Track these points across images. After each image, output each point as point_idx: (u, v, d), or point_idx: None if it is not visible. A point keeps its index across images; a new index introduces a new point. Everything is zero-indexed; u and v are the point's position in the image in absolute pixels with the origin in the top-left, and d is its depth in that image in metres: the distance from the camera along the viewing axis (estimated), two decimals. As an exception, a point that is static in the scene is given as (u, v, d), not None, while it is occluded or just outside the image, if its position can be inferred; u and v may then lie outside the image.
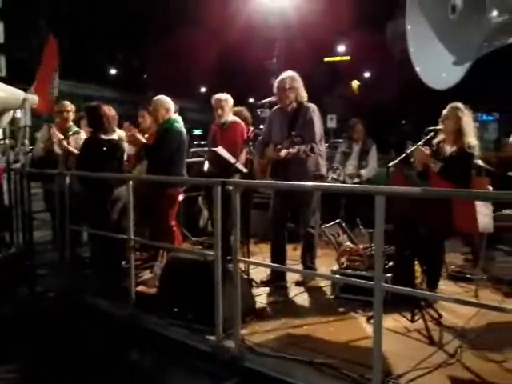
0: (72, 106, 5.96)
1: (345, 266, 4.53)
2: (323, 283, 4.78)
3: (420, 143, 4.25)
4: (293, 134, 4.62)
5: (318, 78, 23.17)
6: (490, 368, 3.09)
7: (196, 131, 34.91)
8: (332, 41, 32.09)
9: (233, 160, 4.91)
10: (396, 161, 4.21)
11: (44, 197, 6.05)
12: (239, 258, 3.53)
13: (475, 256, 4.88)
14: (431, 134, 4.32)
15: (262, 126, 5.23)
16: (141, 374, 3.92)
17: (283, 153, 4.59)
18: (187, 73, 33.50)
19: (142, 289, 4.60)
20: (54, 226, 5.68)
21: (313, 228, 4.84)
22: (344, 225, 5.32)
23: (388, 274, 3.96)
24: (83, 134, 5.75)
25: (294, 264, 5.01)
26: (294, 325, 3.84)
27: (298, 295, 4.55)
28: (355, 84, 27.48)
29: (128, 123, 6.28)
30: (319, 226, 5.08)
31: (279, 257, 4.83)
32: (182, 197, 5.45)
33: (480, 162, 4.69)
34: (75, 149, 5.55)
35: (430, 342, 3.45)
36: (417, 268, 4.26)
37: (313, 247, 4.88)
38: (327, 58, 34.02)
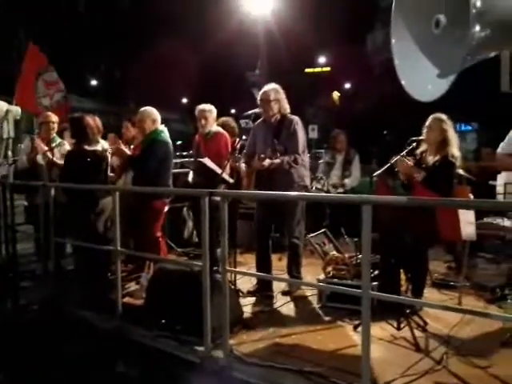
0: (56, 117, 5.93)
1: (331, 275, 4.56)
2: (309, 292, 4.81)
3: (403, 153, 4.33)
4: (275, 141, 4.67)
5: (299, 89, 23.36)
6: (476, 373, 3.14)
7: (178, 142, 34.77)
8: (313, 52, 32.42)
9: (219, 170, 4.93)
10: (380, 171, 4.27)
11: (25, 209, 5.99)
12: (227, 268, 3.55)
13: (458, 264, 4.95)
14: (414, 144, 4.40)
15: (244, 137, 5.27)
16: (128, 387, 3.90)
17: (267, 162, 4.64)
18: (168, 84, 33.48)
19: (128, 300, 4.57)
20: (37, 238, 5.62)
21: (297, 238, 4.88)
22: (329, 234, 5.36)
23: (374, 283, 4.00)
24: (67, 146, 5.73)
25: (279, 274, 5.05)
26: (281, 334, 3.85)
27: (285, 305, 4.56)
28: (336, 95, 27.72)
29: (113, 135, 6.27)
30: (304, 236, 5.12)
31: (265, 267, 4.85)
32: (166, 207, 5.45)
33: (461, 172, 4.78)
34: (59, 160, 5.52)
35: (417, 349, 3.49)
36: (401, 276, 4.31)
37: (298, 257, 4.92)
38: (308, 69, 34.34)
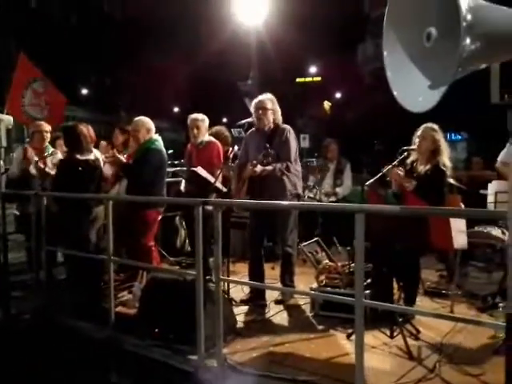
0: (49, 127, 5.93)
1: (324, 283, 4.57)
2: (302, 301, 4.82)
3: (395, 163, 4.37)
4: (267, 146, 4.69)
5: (290, 98, 23.47)
6: (468, 381, 3.16)
7: (169, 151, 34.80)
8: (304, 62, 32.64)
9: (212, 179, 4.95)
10: (371, 180, 4.31)
11: (15, 218, 5.96)
12: (221, 277, 3.55)
13: (450, 272, 5.00)
14: (405, 153, 4.44)
15: (237, 147, 5.29)
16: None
17: (258, 168, 4.66)
18: (160, 93, 33.53)
19: (121, 310, 4.55)
20: (29, 247, 5.60)
21: (290, 247, 4.90)
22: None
23: (366, 291, 4.02)
24: (60, 155, 5.72)
25: (272, 283, 5.05)
26: (275, 343, 3.85)
27: (278, 313, 4.57)
28: (327, 105, 27.93)
29: (105, 143, 6.27)
30: (296, 245, 5.13)
31: (257, 276, 4.86)
32: (160, 217, 5.44)
33: (452, 181, 4.84)
34: (51, 170, 5.51)
35: (410, 357, 3.50)
36: (394, 285, 4.33)
37: (291, 265, 4.93)
38: (299, 79, 34.56)
